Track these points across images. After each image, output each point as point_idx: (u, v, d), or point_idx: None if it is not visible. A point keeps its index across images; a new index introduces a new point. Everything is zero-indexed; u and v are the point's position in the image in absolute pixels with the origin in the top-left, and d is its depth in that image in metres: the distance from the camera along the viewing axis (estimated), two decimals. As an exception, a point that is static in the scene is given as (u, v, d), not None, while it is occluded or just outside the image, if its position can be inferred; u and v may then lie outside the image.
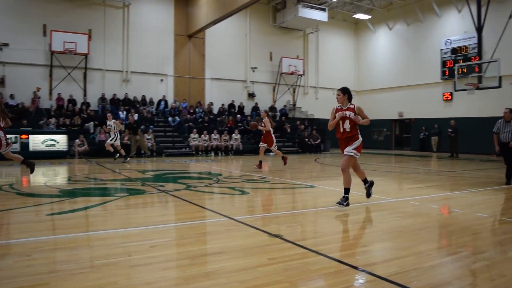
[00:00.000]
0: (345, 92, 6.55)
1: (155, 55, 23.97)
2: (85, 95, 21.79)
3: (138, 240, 4.59)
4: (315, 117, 28.19)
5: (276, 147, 12.99)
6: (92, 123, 19.86)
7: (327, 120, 7.16)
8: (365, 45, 31.67)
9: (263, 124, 12.70)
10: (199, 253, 4.19)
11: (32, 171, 9.07)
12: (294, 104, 29.06)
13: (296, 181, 10.28)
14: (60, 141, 17.00)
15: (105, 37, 22.62)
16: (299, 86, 29.32)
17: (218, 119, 23.98)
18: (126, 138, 18.56)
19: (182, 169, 13.79)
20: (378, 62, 30.36)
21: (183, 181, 10.05)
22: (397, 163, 17.60)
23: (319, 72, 30.38)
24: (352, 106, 6.47)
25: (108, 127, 15.69)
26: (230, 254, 4.09)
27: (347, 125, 6.43)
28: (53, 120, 19.04)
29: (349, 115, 6.38)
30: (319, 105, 29.50)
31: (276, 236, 4.73)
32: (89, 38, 21.67)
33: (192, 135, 21.05)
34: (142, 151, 18.31)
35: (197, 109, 24.36)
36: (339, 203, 6.36)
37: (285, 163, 13.26)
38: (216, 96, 25.90)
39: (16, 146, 16.37)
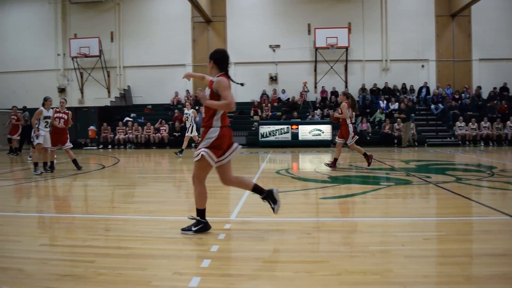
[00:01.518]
0: (211, 58, 4.27)
1: (415, 40, 22.97)
2: (346, 86, 22.67)
3: (410, 230, 4.46)
4: None
5: (354, 141, 9.81)
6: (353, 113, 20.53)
7: None
8: None
9: (339, 111, 9.82)
10: (479, 252, 3.80)
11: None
12: None
13: None
14: (324, 131, 18.19)
15: (364, 28, 22.97)
16: None
17: (488, 104, 21.42)
18: (386, 127, 18.51)
19: (448, 160, 12.89)
20: None
21: (451, 173, 9.36)
22: None
23: None
24: (214, 80, 4.19)
25: (186, 115, 14.68)
26: (518, 258, 3.57)
27: (203, 108, 4.27)
28: (318, 112, 20.51)
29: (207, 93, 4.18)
30: None
31: None
32: (349, 31, 22.38)
33: (457, 124, 19.45)
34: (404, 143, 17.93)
35: (463, 95, 22.33)
36: (185, 229, 4.26)
37: (368, 164, 9.86)
38: (485, 79, 23.11)
39: (288, 136, 18.30)
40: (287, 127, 18.44)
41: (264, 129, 18.57)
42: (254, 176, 8.84)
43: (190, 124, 14.24)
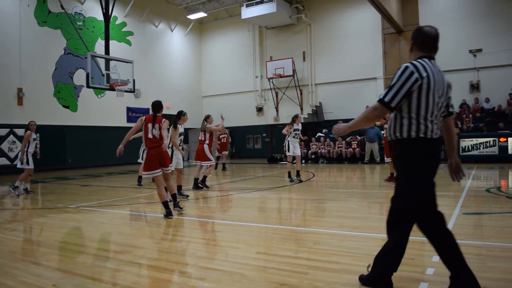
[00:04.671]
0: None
1: None
2: None
3: None
4: None
5: None
6: None
7: None
8: None
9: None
10: None
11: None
12: None
13: None
14: (542, 143, 15.73)
15: None
16: None
17: None
18: None
19: None
20: None
21: None
22: None
23: None
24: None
25: (296, 131, 11.54)
26: None
27: None
28: (532, 121, 17.85)
29: None
30: None
31: None
32: None
33: None
34: None
35: None
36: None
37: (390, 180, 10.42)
38: None
39: (494, 150, 16.35)
40: (494, 140, 16.45)
41: (465, 143, 16.94)
42: (461, 194, 8.09)
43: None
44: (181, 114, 8.87)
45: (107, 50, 16.95)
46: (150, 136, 6.62)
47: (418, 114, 2.94)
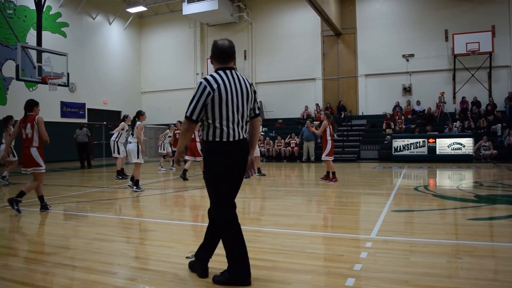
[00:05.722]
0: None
1: None
2: (490, 95, 20.69)
3: None
4: None
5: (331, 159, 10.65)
6: (499, 125, 18.62)
7: None
8: None
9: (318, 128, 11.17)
10: None
11: None
12: None
13: None
14: (466, 144, 16.80)
15: (511, 31, 20.80)
16: None
17: None
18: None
19: None
20: None
21: None
22: None
23: None
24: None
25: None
26: None
27: None
28: (457, 124, 19.03)
29: None
30: None
31: None
32: (493, 34, 20.44)
33: None
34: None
35: None
36: None
37: (329, 180, 10.64)
38: None
39: (424, 150, 17.27)
40: (423, 141, 17.40)
41: (397, 143, 17.78)
42: (391, 192, 8.47)
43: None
44: (140, 114, 9.73)
45: (39, 41, 16.16)
46: (24, 136, 6.78)
47: (214, 121, 3.26)
